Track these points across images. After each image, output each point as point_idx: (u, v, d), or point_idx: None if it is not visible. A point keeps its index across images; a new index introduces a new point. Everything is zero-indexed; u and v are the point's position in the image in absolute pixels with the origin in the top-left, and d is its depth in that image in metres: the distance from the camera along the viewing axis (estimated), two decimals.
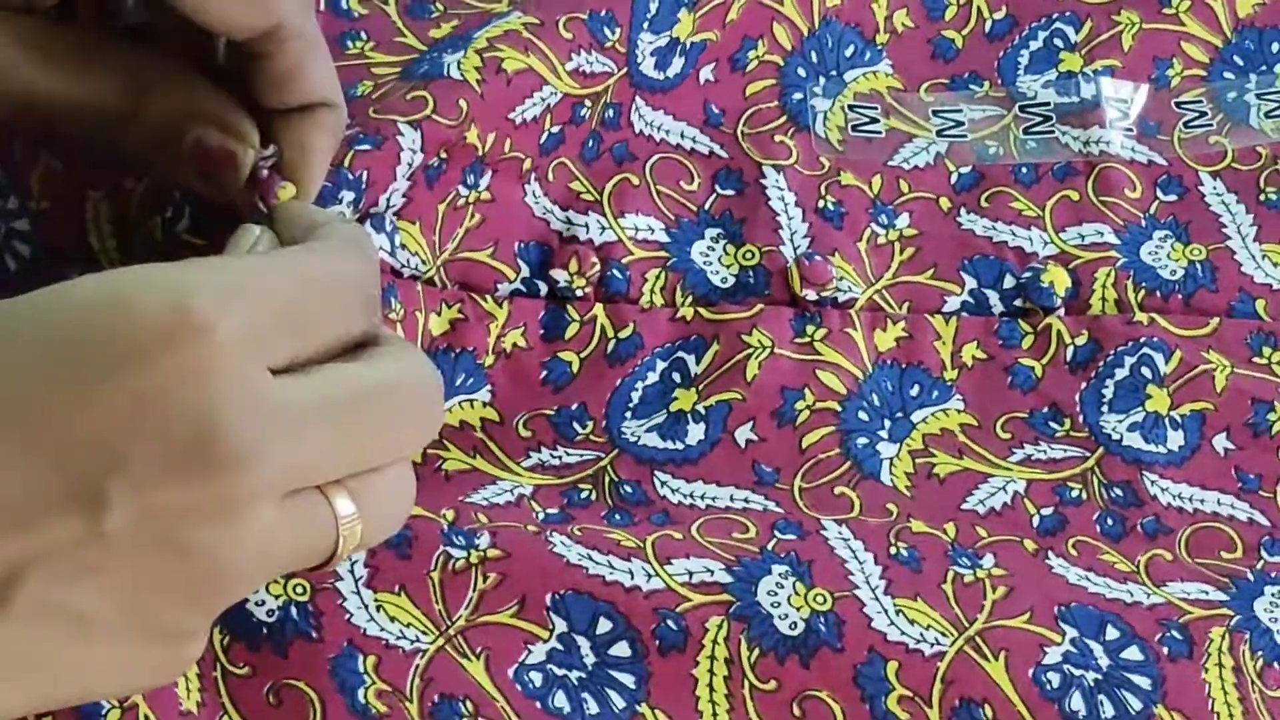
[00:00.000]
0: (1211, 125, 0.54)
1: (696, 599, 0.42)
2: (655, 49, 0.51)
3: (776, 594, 0.43)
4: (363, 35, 0.50)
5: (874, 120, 0.53)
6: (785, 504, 0.46)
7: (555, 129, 0.49)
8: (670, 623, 0.42)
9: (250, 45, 0.40)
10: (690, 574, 0.43)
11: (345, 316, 0.35)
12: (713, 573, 0.43)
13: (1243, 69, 0.56)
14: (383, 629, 0.40)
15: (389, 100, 0.46)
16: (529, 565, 0.42)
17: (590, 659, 0.41)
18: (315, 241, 0.37)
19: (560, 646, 0.41)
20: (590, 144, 0.50)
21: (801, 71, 0.54)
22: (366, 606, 0.41)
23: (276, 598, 0.40)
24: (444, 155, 0.47)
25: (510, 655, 0.41)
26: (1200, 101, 0.55)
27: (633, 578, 0.42)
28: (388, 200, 0.46)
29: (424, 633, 0.41)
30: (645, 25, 0.51)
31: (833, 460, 0.47)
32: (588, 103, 0.50)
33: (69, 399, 0.30)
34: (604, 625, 0.42)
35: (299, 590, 0.41)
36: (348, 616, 0.40)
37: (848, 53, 0.54)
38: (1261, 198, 0.53)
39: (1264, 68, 0.56)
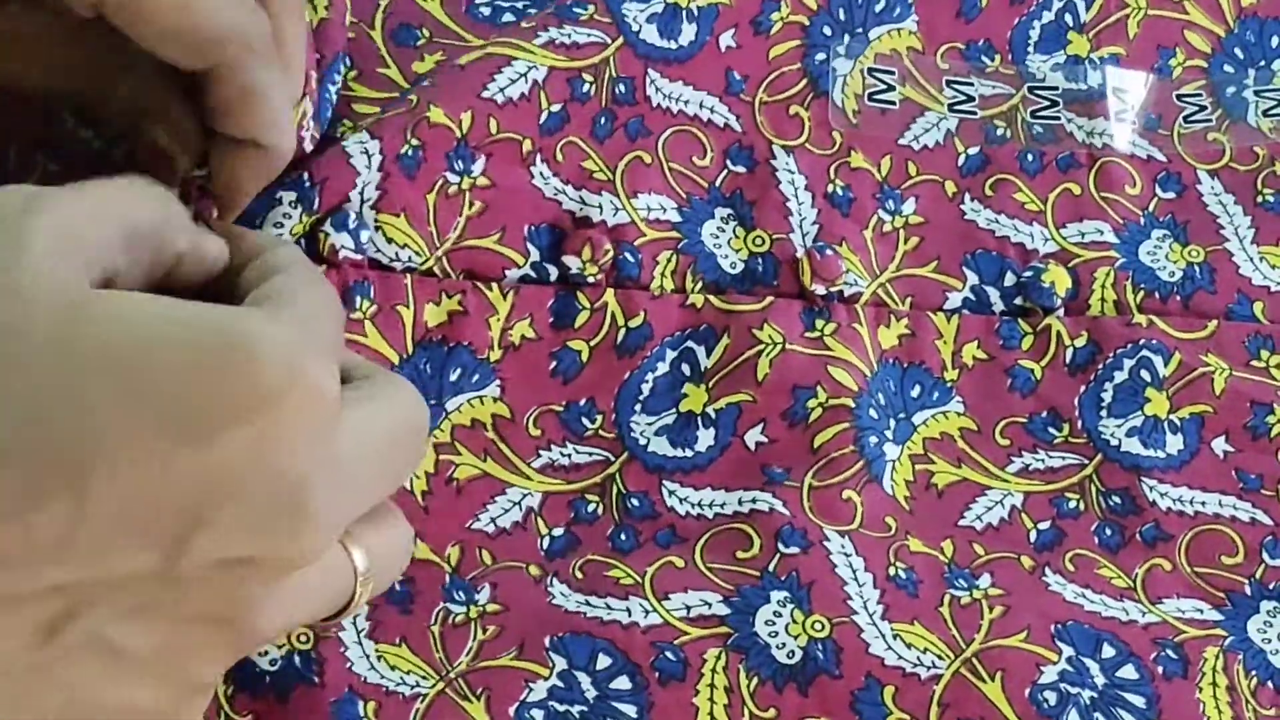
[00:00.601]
0: (1210, 121, 0.54)
1: (694, 632, 0.43)
2: (651, 15, 0.50)
3: (774, 623, 0.43)
4: (349, 60, 0.49)
5: (890, 88, 0.53)
6: (793, 504, 0.46)
7: (556, 107, 0.48)
8: (669, 654, 0.42)
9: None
10: (688, 608, 0.43)
11: (342, 342, 0.36)
12: (710, 605, 0.43)
13: (1242, 62, 0.55)
14: (383, 677, 0.41)
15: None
16: (528, 617, 0.43)
17: (591, 693, 0.42)
18: (302, 270, 0.37)
19: (561, 683, 0.42)
20: (603, 121, 0.49)
21: (827, 30, 0.52)
22: (368, 656, 0.41)
23: (280, 648, 0.41)
24: (415, 141, 0.46)
25: (511, 694, 0.41)
26: (1200, 95, 0.54)
27: (630, 615, 0.43)
28: (360, 195, 0.45)
29: (424, 678, 0.41)
30: None
31: (846, 458, 0.47)
32: (587, 77, 0.49)
33: (172, 445, 0.30)
34: (603, 660, 0.42)
35: (302, 639, 0.41)
36: (349, 664, 0.41)
37: (877, 7, 0.53)
38: (1259, 199, 0.53)
39: (1262, 62, 0.55)
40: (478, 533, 0.45)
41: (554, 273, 0.48)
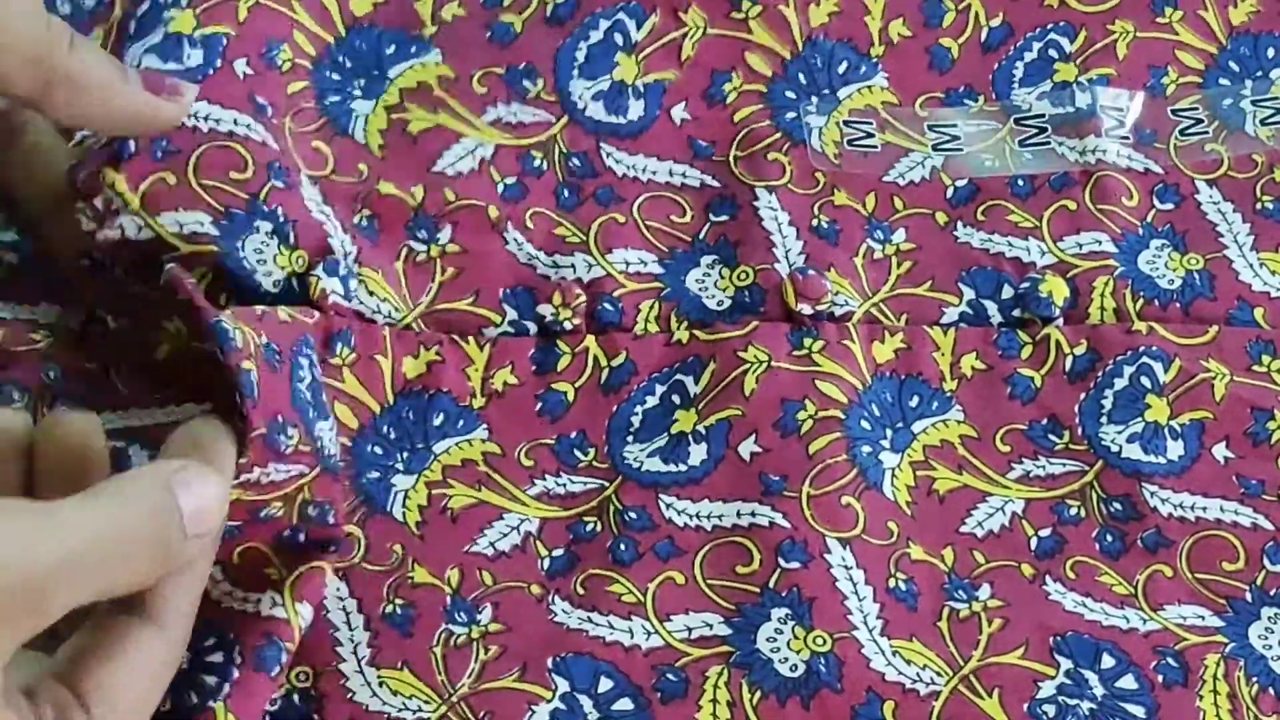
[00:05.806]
0: (1207, 133, 0.54)
1: (696, 653, 0.43)
2: (597, 93, 0.52)
3: (776, 640, 0.44)
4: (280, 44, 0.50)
5: (869, 135, 0.53)
6: (793, 516, 0.46)
7: (510, 180, 0.50)
8: (670, 675, 0.43)
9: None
10: (689, 630, 0.44)
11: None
12: (711, 626, 0.44)
13: (1238, 75, 0.55)
14: (384, 703, 0.42)
15: (300, 135, 0.48)
16: (530, 636, 0.43)
17: (594, 715, 0.42)
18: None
19: (563, 706, 0.42)
20: (567, 194, 0.51)
21: (790, 94, 0.53)
22: (370, 684, 0.42)
23: (280, 687, 0.41)
24: (368, 212, 0.48)
25: (514, 717, 0.42)
26: (1196, 108, 0.54)
27: (632, 636, 0.43)
28: (343, 246, 0.47)
29: (426, 702, 0.42)
30: (575, 74, 0.52)
31: (840, 466, 0.47)
32: (535, 153, 0.51)
33: None
34: (605, 683, 0.43)
35: (301, 678, 0.42)
36: (350, 695, 0.42)
37: (840, 69, 0.54)
38: (1258, 206, 0.53)
39: (1259, 73, 0.55)
40: (477, 555, 0.45)
41: (533, 328, 0.49)
